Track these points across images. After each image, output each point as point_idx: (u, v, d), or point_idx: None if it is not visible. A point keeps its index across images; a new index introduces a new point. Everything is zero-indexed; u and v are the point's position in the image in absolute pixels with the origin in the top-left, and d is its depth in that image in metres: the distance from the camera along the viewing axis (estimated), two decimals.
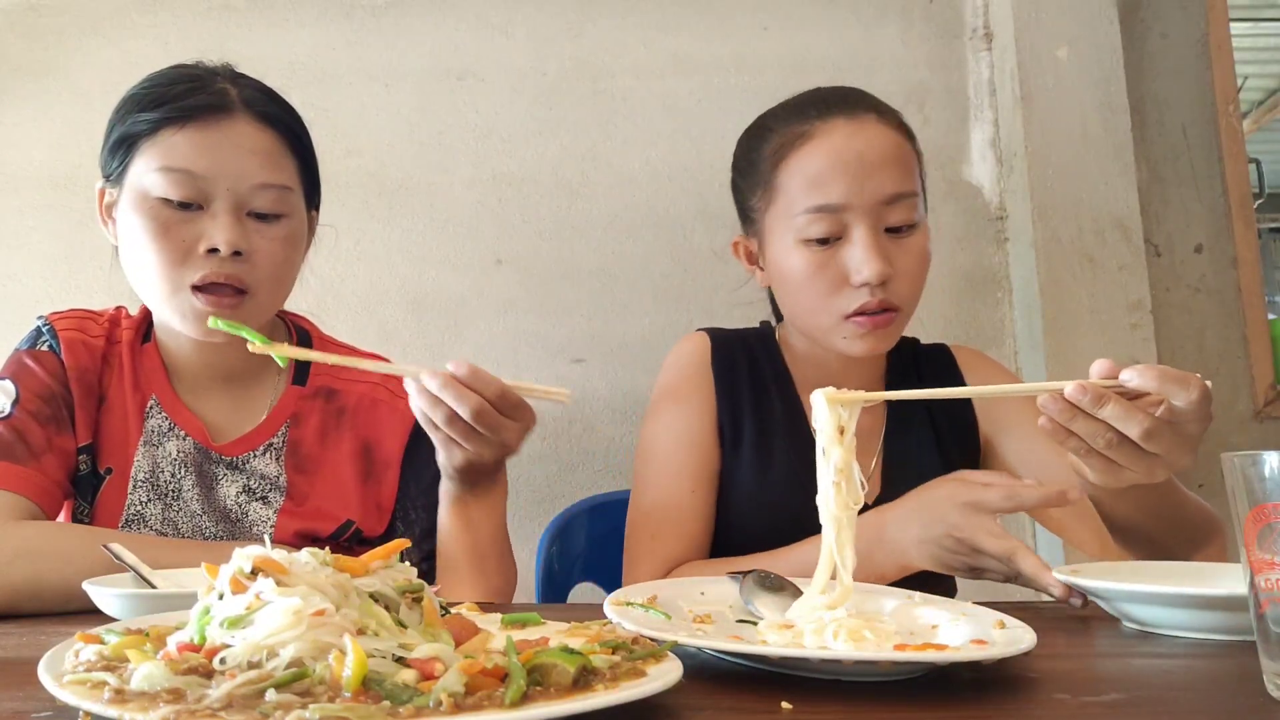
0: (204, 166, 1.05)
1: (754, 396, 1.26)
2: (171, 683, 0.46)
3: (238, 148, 1.07)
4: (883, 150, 1.15)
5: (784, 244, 1.17)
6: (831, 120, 1.16)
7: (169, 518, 1.11)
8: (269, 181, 1.08)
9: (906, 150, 1.18)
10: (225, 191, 1.06)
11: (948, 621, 0.73)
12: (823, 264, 1.14)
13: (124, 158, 1.09)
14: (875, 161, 1.13)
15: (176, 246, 1.05)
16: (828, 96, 1.21)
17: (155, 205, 1.05)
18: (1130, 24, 2.01)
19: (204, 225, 1.05)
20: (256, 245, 1.07)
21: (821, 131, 1.16)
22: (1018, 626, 0.68)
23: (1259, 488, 0.56)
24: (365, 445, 1.19)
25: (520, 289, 1.91)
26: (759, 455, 1.23)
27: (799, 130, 1.17)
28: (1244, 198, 2.05)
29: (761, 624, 0.75)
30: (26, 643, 0.77)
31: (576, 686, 0.48)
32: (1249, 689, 0.58)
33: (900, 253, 1.15)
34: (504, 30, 1.98)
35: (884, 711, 0.56)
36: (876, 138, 1.15)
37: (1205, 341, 2.02)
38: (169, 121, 1.06)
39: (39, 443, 1.07)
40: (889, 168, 1.14)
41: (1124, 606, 0.81)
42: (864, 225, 1.13)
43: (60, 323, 1.14)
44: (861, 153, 1.14)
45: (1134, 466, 0.86)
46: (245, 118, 1.09)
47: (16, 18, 1.94)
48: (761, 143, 1.21)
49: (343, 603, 0.53)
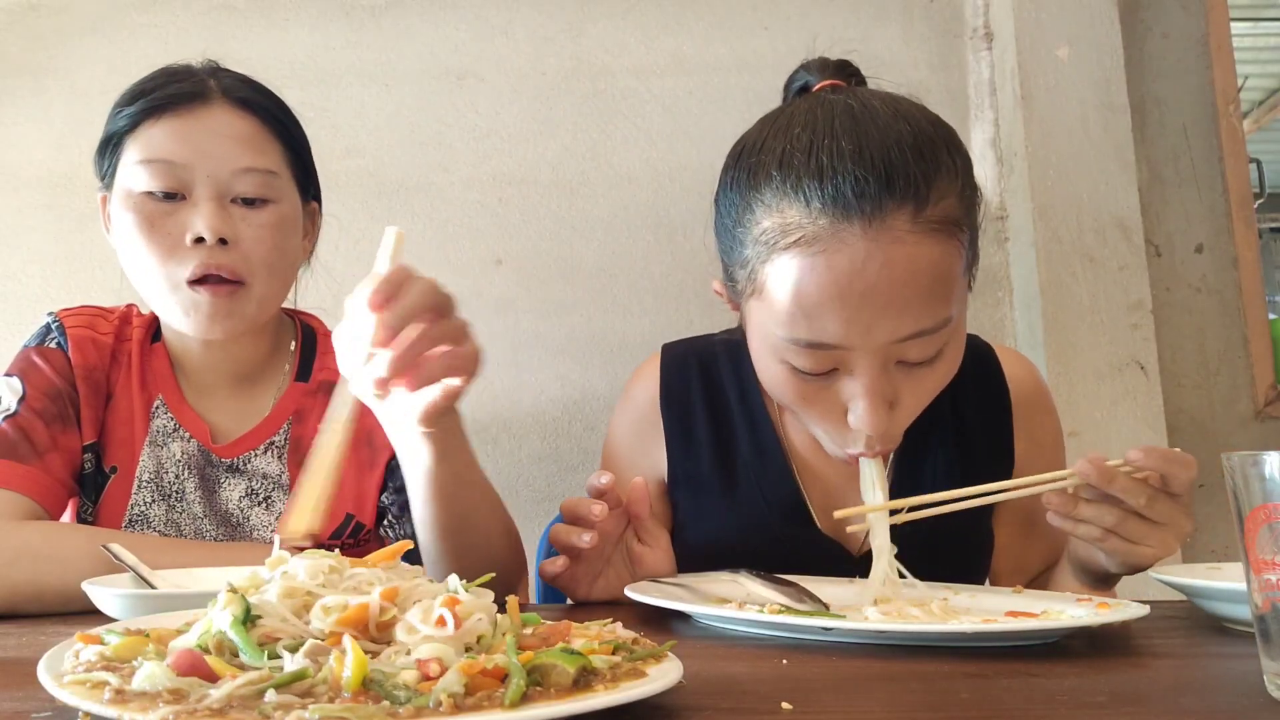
0: (182, 155, 1.05)
1: (711, 424, 1.12)
2: (173, 683, 0.45)
3: (215, 134, 1.07)
4: (908, 280, 0.83)
5: (766, 349, 0.93)
6: (844, 230, 0.83)
7: (172, 519, 1.11)
8: (251, 166, 1.07)
9: (947, 265, 0.85)
10: (205, 178, 1.05)
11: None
12: (813, 394, 0.91)
13: (111, 158, 1.09)
14: (894, 298, 0.83)
15: (164, 239, 1.05)
16: (845, 167, 0.83)
17: (140, 200, 1.05)
18: (1130, 24, 2.01)
19: (187, 215, 1.05)
20: (243, 232, 1.06)
21: (825, 242, 0.84)
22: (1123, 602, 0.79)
23: (1259, 488, 0.56)
24: (367, 435, 1.19)
25: (520, 289, 1.91)
26: (720, 485, 1.10)
27: (796, 223, 0.85)
28: (1244, 198, 2.05)
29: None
30: (26, 643, 0.77)
31: (576, 687, 0.48)
32: (1249, 689, 0.58)
33: (909, 388, 0.90)
34: (504, 30, 1.98)
35: (884, 711, 0.56)
36: (902, 264, 0.83)
37: (1205, 341, 2.02)
38: (147, 114, 1.06)
39: (44, 441, 1.06)
40: (916, 301, 0.84)
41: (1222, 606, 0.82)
42: (867, 365, 0.87)
43: (70, 320, 1.14)
44: (874, 286, 0.83)
45: (1147, 541, 0.87)
46: (223, 104, 1.09)
47: (16, 18, 1.94)
48: (749, 208, 0.90)
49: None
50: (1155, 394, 1.85)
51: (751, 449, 1.11)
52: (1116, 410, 1.81)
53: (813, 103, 0.93)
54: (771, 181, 0.88)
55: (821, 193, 0.84)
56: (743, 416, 1.12)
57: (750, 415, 1.12)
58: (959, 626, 0.72)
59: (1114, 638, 0.77)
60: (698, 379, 1.14)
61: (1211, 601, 0.82)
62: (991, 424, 1.11)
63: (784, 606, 0.79)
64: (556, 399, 1.90)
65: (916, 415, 0.93)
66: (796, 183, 0.86)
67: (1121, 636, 0.78)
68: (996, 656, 0.69)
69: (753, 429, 1.12)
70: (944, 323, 0.87)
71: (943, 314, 0.86)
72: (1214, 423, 1.99)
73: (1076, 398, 1.81)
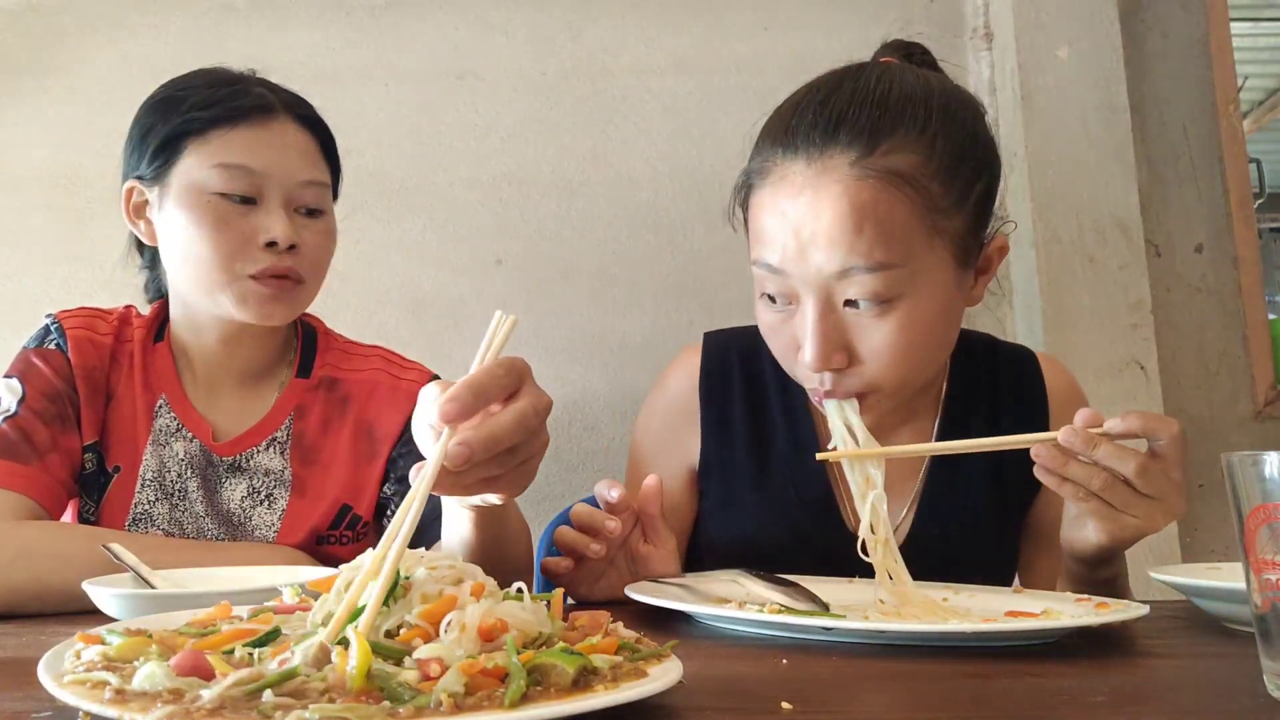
0: (259, 163, 1.10)
1: (749, 415, 1.13)
2: (173, 683, 0.45)
3: (287, 146, 1.13)
4: (840, 216, 0.89)
5: (756, 287, 1.00)
6: (791, 159, 0.93)
7: (175, 518, 1.12)
8: (313, 179, 1.15)
9: (887, 212, 0.90)
10: (278, 187, 1.11)
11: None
12: (779, 324, 0.98)
13: (168, 157, 1.11)
14: (825, 230, 0.89)
15: (235, 238, 1.09)
16: (811, 114, 0.94)
17: (213, 200, 1.09)
18: (1130, 24, 2.01)
19: (259, 219, 1.10)
20: (305, 239, 1.13)
21: (777, 172, 0.94)
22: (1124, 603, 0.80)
23: (1259, 488, 0.56)
24: (368, 428, 1.20)
25: (520, 289, 1.91)
26: (753, 476, 1.11)
27: (760, 162, 0.97)
28: (1244, 198, 2.05)
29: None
30: (26, 643, 0.77)
31: (576, 687, 0.48)
32: (1249, 689, 0.58)
33: (863, 337, 0.93)
34: (504, 30, 1.98)
35: (884, 711, 0.56)
36: (835, 199, 0.89)
37: (1205, 341, 2.02)
38: (221, 121, 1.11)
39: (44, 441, 1.07)
40: (845, 238, 0.89)
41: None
42: (809, 300, 0.93)
43: (68, 321, 1.15)
44: (809, 216, 0.90)
45: (1134, 511, 0.86)
46: (289, 119, 1.15)
47: (16, 18, 1.94)
48: (754, 153, 1.02)
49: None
50: (1155, 394, 1.85)
51: (788, 443, 1.11)
52: (1116, 410, 1.77)
53: (845, 69, 1.01)
54: (766, 129, 0.99)
55: (784, 136, 0.95)
56: (781, 410, 1.13)
57: (789, 410, 1.12)
58: (959, 626, 0.73)
59: (1114, 638, 0.77)
60: (739, 368, 1.15)
61: (1211, 601, 0.82)
62: (1033, 421, 1.11)
63: (784, 606, 0.79)
64: (556, 399, 1.86)
65: (886, 374, 0.94)
66: (772, 128, 0.98)
67: (1121, 636, 0.78)
68: (996, 656, 0.69)
69: (791, 423, 1.12)
70: (881, 265, 0.90)
71: (877, 256, 0.90)
72: (1214, 423, 1.99)
73: None
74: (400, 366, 1.25)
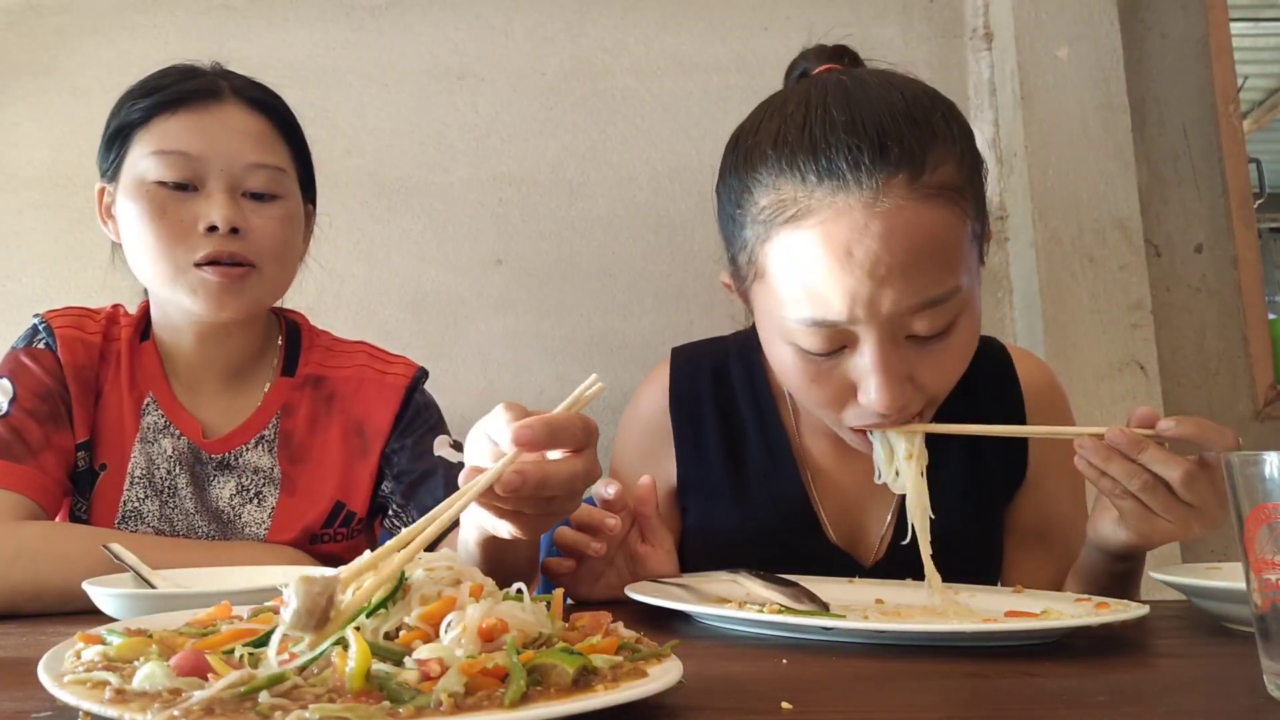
0: (197, 148, 1.08)
1: (723, 430, 1.10)
2: (173, 683, 0.45)
3: (229, 129, 1.10)
4: (909, 248, 0.81)
5: (773, 333, 0.91)
6: (840, 201, 0.81)
7: (165, 515, 1.12)
8: (262, 161, 1.11)
9: (950, 232, 0.83)
10: (219, 171, 1.08)
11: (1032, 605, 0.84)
12: (822, 375, 0.88)
13: (119, 150, 1.11)
14: (896, 267, 0.81)
15: (175, 227, 1.07)
16: (838, 139, 0.82)
17: (151, 189, 1.07)
18: (1130, 24, 2.01)
19: (200, 205, 1.07)
20: (253, 224, 1.09)
21: (821, 211, 0.82)
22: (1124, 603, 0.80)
23: (1259, 488, 0.55)
24: (358, 425, 1.20)
25: (520, 289, 1.91)
26: (730, 491, 1.09)
27: (792, 198, 0.84)
28: (1244, 198, 2.05)
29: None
30: (26, 643, 0.77)
31: (577, 687, 0.48)
32: (1249, 689, 0.58)
33: (926, 364, 0.87)
34: (504, 30, 1.98)
35: (884, 711, 0.56)
36: (902, 231, 0.80)
37: (1205, 341, 2.02)
38: (162, 108, 1.09)
39: (37, 441, 1.07)
40: (919, 269, 0.81)
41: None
42: (875, 339, 0.84)
43: (57, 320, 1.15)
44: (876, 256, 0.80)
45: (1169, 515, 0.84)
46: (236, 102, 1.12)
47: (16, 17, 1.94)
48: (747, 190, 0.89)
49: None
50: (1155, 394, 1.85)
51: (763, 454, 1.09)
52: (1116, 410, 1.81)
53: (807, 84, 0.92)
54: (767, 160, 0.86)
55: (816, 166, 0.83)
56: (755, 421, 1.10)
57: (763, 420, 1.10)
58: (959, 626, 0.73)
59: (1114, 638, 0.77)
60: (709, 382, 1.12)
61: (1211, 601, 0.82)
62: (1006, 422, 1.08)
63: (784, 606, 0.79)
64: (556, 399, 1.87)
65: (943, 390, 0.90)
66: (791, 158, 0.84)
67: (1121, 636, 0.78)
68: (996, 656, 0.69)
69: (765, 434, 1.10)
70: (952, 291, 0.83)
71: (949, 282, 0.83)
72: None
73: (1076, 398, 1.80)
74: (385, 361, 1.24)
